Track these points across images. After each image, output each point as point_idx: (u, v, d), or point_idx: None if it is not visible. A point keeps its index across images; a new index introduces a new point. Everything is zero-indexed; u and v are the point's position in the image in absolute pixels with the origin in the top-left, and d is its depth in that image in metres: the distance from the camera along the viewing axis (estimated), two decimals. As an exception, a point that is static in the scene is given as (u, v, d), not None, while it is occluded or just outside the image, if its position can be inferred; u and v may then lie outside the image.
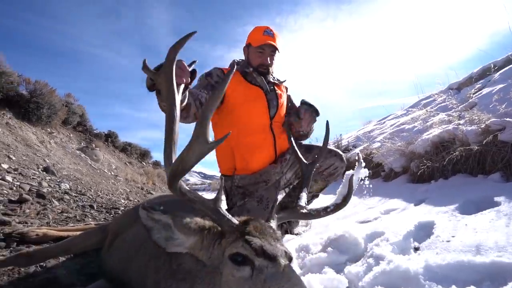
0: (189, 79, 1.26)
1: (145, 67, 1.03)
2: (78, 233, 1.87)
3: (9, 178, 3.35)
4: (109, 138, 12.92)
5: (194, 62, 1.27)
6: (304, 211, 1.14)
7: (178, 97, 0.97)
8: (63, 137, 8.66)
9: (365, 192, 3.21)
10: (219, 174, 2.32)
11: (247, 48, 2.12)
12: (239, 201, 2.00)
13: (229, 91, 1.96)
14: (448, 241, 1.25)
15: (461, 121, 2.94)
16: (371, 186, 3.31)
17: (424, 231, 1.52)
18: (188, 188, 0.88)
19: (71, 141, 8.98)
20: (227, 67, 2.09)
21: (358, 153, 1.51)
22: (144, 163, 14.90)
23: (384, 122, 6.73)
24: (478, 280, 0.93)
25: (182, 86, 1.18)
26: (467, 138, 2.60)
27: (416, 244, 1.46)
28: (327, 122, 1.66)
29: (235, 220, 0.87)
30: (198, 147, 0.84)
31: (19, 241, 1.65)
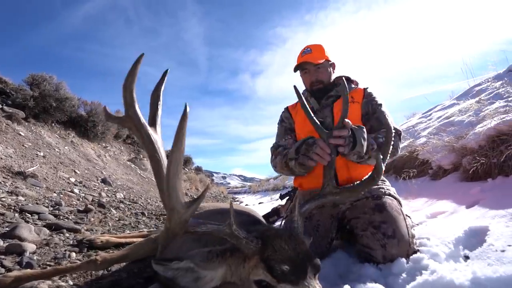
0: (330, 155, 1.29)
1: (106, 115, 0.89)
2: (134, 239, 2.11)
3: (76, 190, 3.89)
4: (154, 148, 14.01)
5: (166, 71, 1.03)
6: (333, 191, 1.14)
7: (156, 136, 0.88)
8: (115, 150, 9.66)
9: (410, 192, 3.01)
10: (259, 176, 2.33)
11: (301, 75, 2.04)
12: (289, 213, 1.98)
13: (296, 124, 2.01)
14: (503, 251, 1.14)
15: (522, 110, 2.60)
16: (415, 186, 3.11)
17: (475, 238, 1.40)
18: (195, 223, 0.85)
19: (122, 153, 9.97)
20: (296, 102, 2.08)
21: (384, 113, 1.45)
22: (186, 169, 15.83)
23: (430, 115, 6.17)
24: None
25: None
26: (529, 130, 2.30)
27: (467, 252, 1.35)
28: (343, 83, 1.47)
29: (253, 243, 0.85)
30: (177, 216, 0.80)
31: (88, 247, 1.95)
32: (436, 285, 1.01)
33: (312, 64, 1.89)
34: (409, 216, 1.61)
